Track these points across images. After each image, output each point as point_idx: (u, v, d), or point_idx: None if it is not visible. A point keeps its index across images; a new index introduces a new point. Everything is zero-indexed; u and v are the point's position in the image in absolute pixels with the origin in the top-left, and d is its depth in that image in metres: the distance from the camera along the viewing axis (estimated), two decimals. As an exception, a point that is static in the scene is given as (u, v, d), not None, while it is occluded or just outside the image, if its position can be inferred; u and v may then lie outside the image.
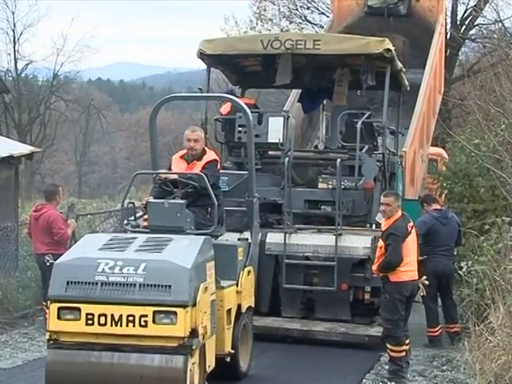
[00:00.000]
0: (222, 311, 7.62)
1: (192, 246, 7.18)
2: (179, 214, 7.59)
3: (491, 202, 12.25)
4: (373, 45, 11.16)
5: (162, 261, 6.90)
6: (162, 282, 6.73)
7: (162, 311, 6.68)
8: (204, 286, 6.95)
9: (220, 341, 7.58)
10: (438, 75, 16.81)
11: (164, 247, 7.12)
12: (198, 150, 8.28)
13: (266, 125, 11.35)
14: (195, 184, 7.89)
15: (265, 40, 11.50)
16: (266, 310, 10.55)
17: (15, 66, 42.31)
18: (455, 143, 14.07)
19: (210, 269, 7.28)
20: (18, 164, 15.94)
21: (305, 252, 10.47)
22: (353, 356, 9.74)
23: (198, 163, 8.24)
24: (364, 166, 10.97)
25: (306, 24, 31.10)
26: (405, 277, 8.53)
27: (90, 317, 6.76)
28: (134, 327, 6.71)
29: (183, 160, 8.38)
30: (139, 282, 6.74)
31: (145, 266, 6.82)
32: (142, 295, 6.72)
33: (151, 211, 7.75)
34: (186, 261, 6.86)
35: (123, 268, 6.82)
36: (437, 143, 21.19)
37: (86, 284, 6.82)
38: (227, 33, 31.94)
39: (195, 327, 6.75)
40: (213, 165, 8.28)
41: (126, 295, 6.74)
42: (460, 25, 28.78)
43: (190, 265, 6.82)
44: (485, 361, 8.00)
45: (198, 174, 7.95)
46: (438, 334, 10.38)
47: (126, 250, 7.12)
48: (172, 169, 8.37)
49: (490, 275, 9.24)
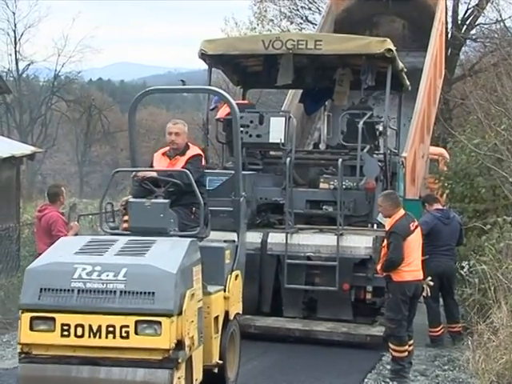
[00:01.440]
0: (209, 319, 7.09)
1: (177, 248, 6.62)
2: (162, 214, 7.05)
3: (492, 202, 12.25)
4: (374, 45, 11.17)
5: (145, 265, 6.33)
6: (145, 289, 6.16)
7: (144, 321, 6.12)
8: (190, 293, 6.40)
9: (207, 351, 7.03)
10: (439, 61, 16.65)
11: (147, 250, 6.57)
12: (179, 145, 7.74)
13: (267, 125, 11.34)
14: (177, 181, 7.34)
15: (266, 40, 11.50)
16: (268, 309, 10.55)
17: (16, 66, 42.40)
18: (456, 143, 14.09)
19: (196, 273, 6.74)
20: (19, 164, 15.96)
21: (306, 252, 10.47)
22: (354, 356, 9.73)
23: (180, 158, 7.72)
24: (365, 166, 10.97)
25: (307, 24, 31.13)
26: (408, 277, 8.52)
27: (65, 328, 6.18)
28: (115, 339, 6.13)
29: (165, 156, 7.86)
30: (119, 289, 6.17)
31: (126, 271, 6.25)
32: (122, 303, 6.15)
33: (132, 212, 7.19)
34: (170, 265, 6.30)
35: (102, 273, 6.25)
36: (438, 143, 21.20)
37: (61, 291, 6.23)
38: (228, 34, 31.96)
39: (181, 338, 6.21)
40: (196, 160, 7.73)
41: (105, 303, 6.16)
42: (461, 24, 28.78)
43: (175, 269, 6.25)
44: (487, 360, 8.01)
45: (180, 170, 7.44)
46: (440, 333, 10.38)
47: (105, 254, 6.56)
48: (154, 166, 7.88)
49: (491, 275, 9.24)
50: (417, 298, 8.75)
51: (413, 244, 8.61)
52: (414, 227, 8.67)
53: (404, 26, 17.43)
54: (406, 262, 8.50)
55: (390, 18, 17.70)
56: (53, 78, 43.96)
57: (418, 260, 8.70)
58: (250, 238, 10.47)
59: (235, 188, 8.02)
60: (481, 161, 12.26)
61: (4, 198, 14.41)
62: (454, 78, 27.45)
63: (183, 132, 7.78)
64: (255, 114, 11.62)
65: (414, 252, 8.63)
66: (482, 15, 27.65)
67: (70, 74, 45.04)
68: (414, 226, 8.67)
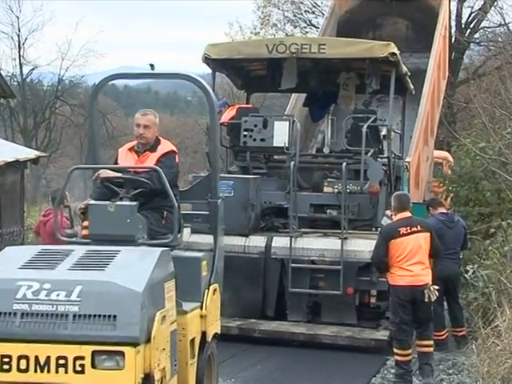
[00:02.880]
0: (184, 342, 6.04)
1: (145, 261, 5.58)
2: (129, 219, 5.99)
3: (497, 206, 12.25)
4: (378, 48, 11.16)
5: (105, 282, 5.20)
6: (104, 312, 5.05)
7: (104, 351, 4.99)
8: (161, 315, 5.32)
9: (182, 380, 5.98)
10: (442, 63, 16.64)
11: (108, 263, 5.46)
12: (148, 139, 6.75)
13: (271, 129, 11.36)
14: (147, 181, 6.37)
15: (270, 44, 11.50)
16: (272, 314, 10.54)
17: (20, 70, 42.42)
18: (460, 146, 14.08)
19: (169, 290, 5.70)
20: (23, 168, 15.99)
21: (310, 256, 10.45)
22: (359, 360, 9.72)
23: (151, 155, 6.73)
24: (369, 170, 10.96)
25: (310, 28, 31.17)
26: (400, 281, 8.36)
27: (6, 360, 5.02)
28: (67, 373, 4.98)
29: (133, 152, 6.83)
30: (73, 312, 5.05)
31: (81, 289, 5.13)
32: (76, 329, 5.02)
33: (92, 216, 6.10)
34: (136, 282, 5.21)
35: (52, 293, 5.10)
36: (442, 147, 21.20)
37: (0, 315, 5.10)
38: (232, 38, 32.01)
39: (150, 371, 5.12)
40: (170, 157, 6.75)
41: (54, 330, 5.02)
42: (465, 28, 28.80)
43: (141, 287, 5.17)
44: (491, 364, 7.99)
45: (151, 167, 6.42)
46: (445, 337, 10.35)
47: (57, 268, 5.41)
48: (119, 164, 6.84)
49: (496, 279, 9.23)
50: (418, 303, 8.46)
51: (403, 247, 8.39)
52: (407, 231, 8.42)
53: (407, 26, 17.42)
54: (396, 265, 8.39)
55: (393, 19, 17.71)
56: (57, 83, 44.00)
57: (418, 266, 8.43)
58: (254, 242, 10.53)
59: (212, 188, 6.90)
60: (486, 164, 12.25)
61: (8, 202, 14.42)
62: (457, 81, 27.48)
63: (153, 124, 6.81)
64: (259, 118, 11.63)
65: (408, 256, 8.39)
66: (485, 19, 27.67)
67: (73, 78, 45.09)
68: (407, 230, 8.42)
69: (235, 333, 10.11)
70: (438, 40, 15.68)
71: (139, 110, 6.95)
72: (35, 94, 43.78)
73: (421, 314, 8.50)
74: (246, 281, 10.38)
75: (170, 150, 6.80)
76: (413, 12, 17.22)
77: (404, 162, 12.47)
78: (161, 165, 6.46)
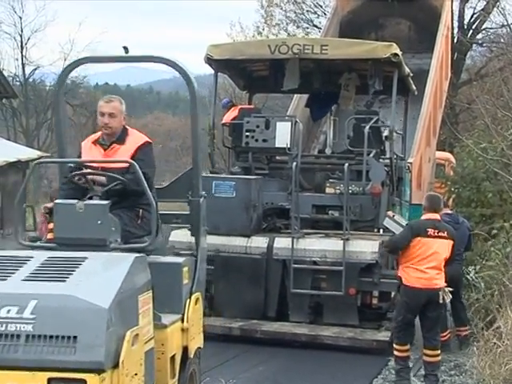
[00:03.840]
0: (163, 360, 5.32)
1: (115, 269, 4.75)
2: (100, 220, 5.24)
3: (499, 207, 12.23)
4: (380, 49, 11.16)
5: (64, 296, 4.36)
6: (63, 332, 4.23)
7: (62, 379, 4.18)
8: (133, 334, 4.51)
9: None
10: (445, 63, 16.64)
11: (71, 273, 4.61)
12: (114, 129, 5.93)
13: (273, 130, 11.35)
14: (121, 178, 5.63)
15: (272, 45, 11.51)
16: (274, 314, 10.54)
17: (23, 70, 42.50)
18: (463, 147, 14.09)
19: (144, 304, 4.89)
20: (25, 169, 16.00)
21: (312, 257, 10.45)
22: (361, 361, 9.71)
23: (121, 148, 5.92)
24: (371, 171, 10.96)
25: (312, 29, 31.17)
26: (416, 283, 8.26)
27: None
28: None
29: (98, 145, 6.01)
30: (26, 332, 4.23)
31: (36, 304, 4.30)
32: (30, 353, 4.20)
33: (58, 217, 5.34)
34: (102, 295, 4.39)
35: (1, 309, 4.31)
36: (444, 148, 21.20)
37: None
38: (234, 38, 32.01)
39: None
40: (147, 151, 5.97)
41: (4, 353, 4.21)
42: (467, 29, 28.79)
43: (107, 302, 4.34)
44: (493, 366, 7.98)
45: (127, 161, 5.64)
46: (447, 338, 10.34)
47: (10, 279, 4.58)
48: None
49: (498, 280, 9.22)
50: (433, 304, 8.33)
51: (425, 248, 8.31)
52: (434, 234, 8.33)
53: (410, 27, 17.43)
54: (412, 265, 8.34)
55: (395, 20, 17.73)
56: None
57: (434, 270, 8.32)
58: (256, 243, 10.52)
59: (193, 186, 6.18)
60: (488, 165, 12.25)
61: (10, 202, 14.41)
62: (460, 82, 27.47)
63: (120, 112, 5.96)
64: (261, 118, 11.63)
65: (428, 259, 8.31)
66: (488, 20, 27.67)
67: (76, 78, 45.12)
68: (434, 233, 8.34)
69: (237, 334, 10.12)
70: (441, 41, 15.68)
71: (102, 97, 6.13)
72: (37, 94, 43.86)
73: (431, 317, 8.39)
74: (248, 281, 10.38)
75: (145, 141, 5.98)
76: (415, 13, 17.22)
77: (406, 163, 12.46)
78: (140, 163, 5.61)
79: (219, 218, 10.31)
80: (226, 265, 10.42)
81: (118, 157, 5.83)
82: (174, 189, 6.65)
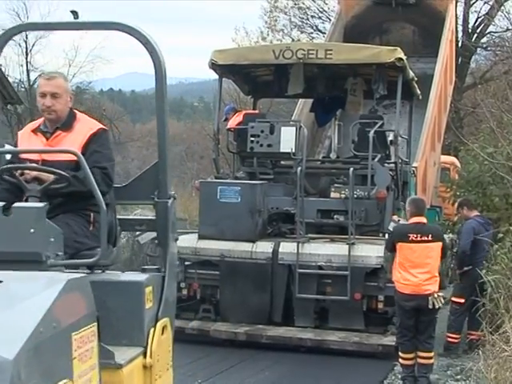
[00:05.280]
0: None
1: (35, 298, 3.23)
2: (33, 228, 3.86)
3: (505, 211, 12.20)
4: (384, 54, 11.17)
5: None
6: None
7: None
8: None
9: None
10: (449, 68, 16.64)
11: None
12: (59, 112, 4.66)
13: (278, 134, 11.36)
14: (63, 173, 4.36)
15: (276, 50, 11.51)
16: (279, 319, 10.53)
17: (28, 77, 42.49)
18: (468, 151, 14.04)
19: (81, 343, 3.42)
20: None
21: (318, 261, 10.44)
22: (366, 366, 9.70)
23: (67, 135, 4.65)
24: (376, 176, 10.95)
25: (317, 34, 31.17)
26: (405, 290, 8.34)
27: None
28: None
29: (38, 134, 4.74)
30: None
31: None
32: None
33: None
34: (5, 341, 2.86)
35: None
36: (449, 152, 21.18)
37: None
38: (238, 43, 32.02)
39: None
40: (103, 140, 4.72)
41: None
42: (472, 33, 28.77)
43: (13, 351, 2.81)
44: (499, 370, 7.95)
45: (70, 151, 4.35)
46: (457, 341, 10.30)
47: None
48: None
49: (504, 284, 9.19)
50: (423, 310, 8.39)
51: (409, 253, 8.33)
52: (416, 238, 8.33)
53: (414, 32, 17.44)
54: (404, 269, 8.30)
55: (400, 25, 17.74)
56: (64, 89, 44.11)
57: (424, 275, 8.34)
58: (261, 248, 10.52)
59: (160, 184, 4.84)
60: (494, 169, 12.22)
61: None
62: (464, 86, 27.43)
63: (65, 91, 4.70)
64: (266, 123, 11.63)
65: (414, 263, 8.34)
66: (492, 24, 27.61)
67: (81, 84, 45.18)
68: (416, 238, 8.34)
69: (243, 339, 10.12)
70: (445, 45, 15.67)
71: (42, 75, 4.93)
72: (42, 100, 43.87)
73: (423, 321, 8.46)
74: (254, 286, 10.38)
75: (99, 128, 4.74)
76: (419, 17, 17.22)
77: (411, 168, 12.46)
78: (96, 156, 4.56)
79: (224, 223, 10.34)
80: (231, 270, 10.42)
81: (67, 145, 4.55)
82: (136, 188, 5.12)
